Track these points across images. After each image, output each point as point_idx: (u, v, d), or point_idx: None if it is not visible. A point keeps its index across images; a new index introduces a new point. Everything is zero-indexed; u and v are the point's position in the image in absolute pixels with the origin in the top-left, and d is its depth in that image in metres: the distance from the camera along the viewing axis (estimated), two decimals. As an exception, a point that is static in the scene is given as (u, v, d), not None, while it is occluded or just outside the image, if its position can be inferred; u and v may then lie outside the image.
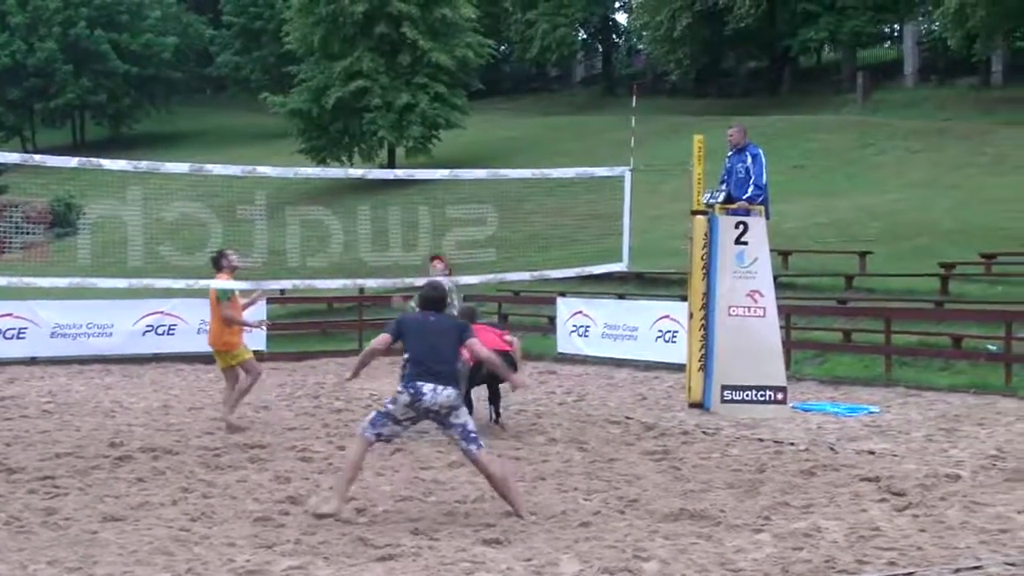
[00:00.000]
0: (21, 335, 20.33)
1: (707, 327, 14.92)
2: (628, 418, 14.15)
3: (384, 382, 18.25)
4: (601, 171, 16.94)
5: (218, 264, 13.73)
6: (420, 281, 17.80)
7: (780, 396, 14.64)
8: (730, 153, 15.77)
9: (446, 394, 9.01)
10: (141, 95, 65.94)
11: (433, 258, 14.85)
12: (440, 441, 12.38)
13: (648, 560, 7.38)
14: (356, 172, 25.84)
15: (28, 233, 18.86)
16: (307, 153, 43.94)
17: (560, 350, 22.06)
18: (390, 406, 9.19)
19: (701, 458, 11.39)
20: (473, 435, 9.08)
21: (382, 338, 9.44)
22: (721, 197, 15.41)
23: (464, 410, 9.29)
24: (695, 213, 15.19)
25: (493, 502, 9.22)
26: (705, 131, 17.16)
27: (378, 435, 9.20)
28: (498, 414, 13.59)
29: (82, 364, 20.62)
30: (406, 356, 9.25)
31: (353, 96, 42.33)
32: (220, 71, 70.41)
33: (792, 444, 12.15)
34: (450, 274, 14.36)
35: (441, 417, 9.10)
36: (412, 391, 9.01)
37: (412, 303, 12.22)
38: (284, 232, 19.21)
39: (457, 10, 43.28)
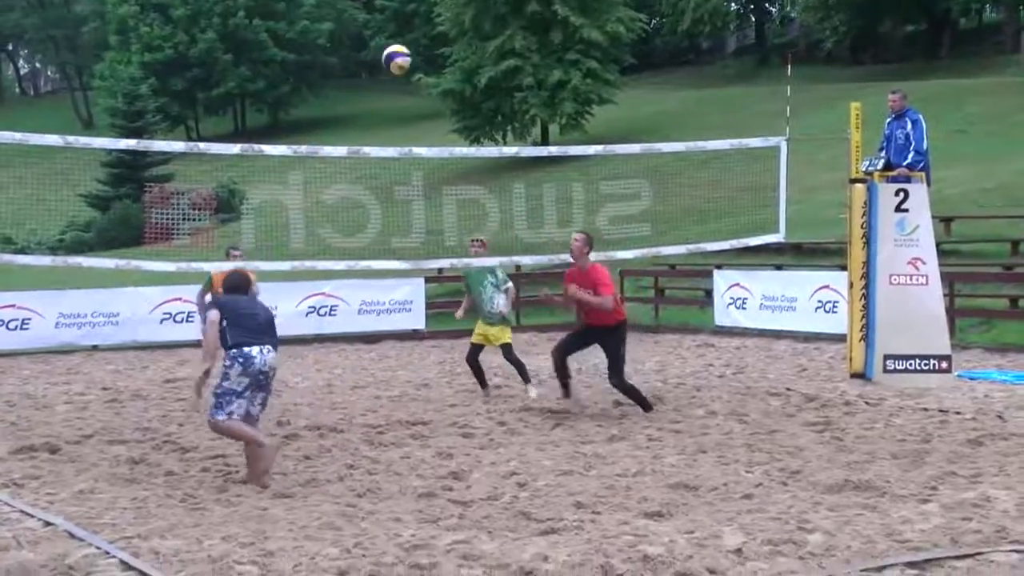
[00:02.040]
0: (190, 319, 20.91)
1: (868, 296, 14.67)
2: (789, 389, 13.99)
3: (540, 358, 18.39)
4: (756, 142, 16.75)
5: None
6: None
7: (944, 365, 14.33)
8: (889, 119, 15.47)
9: (272, 356, 9.45)
10: (298, 81, 67.25)
11: (473, 241, 14.88)
12: (598, 415, 12.45)
13: (812, 532, 7.30)
14: (510, 150, 25.99)
15: (194, 219, 19.30)
16: (460, 133, 44.28)
17: (718, 323, 21.91)
18: (224, 384, 9.36)
19: (864, 429, 11.21)
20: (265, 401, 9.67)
21: (214, 314, 9.55)
22: (880, 164, 15.12)
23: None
24: (853, 181, 14.93)
25: (654, 475, 9.23)
26: (862, 98, 16.82)
27: (229, 415, 9.33)
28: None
29: (250, 346, 21.13)
30: (225, 326, 9.39)
31: (505, 75, 42.50)
32: (374, 55, 71.33)
33: (958, 413, 11.88)
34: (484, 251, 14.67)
35: (265, 381, 9.48)
36: (241, 359, 9.29)
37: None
38: (441, 212, 19.40)
39: (608, -15, 43.14)
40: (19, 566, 6.77)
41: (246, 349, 9.33)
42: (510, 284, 14.67)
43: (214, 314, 9.50)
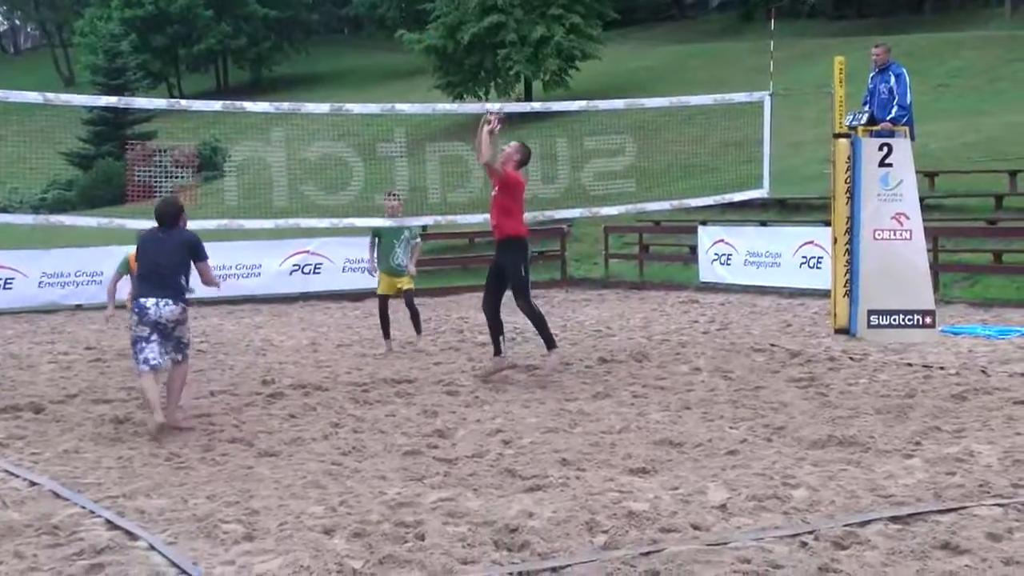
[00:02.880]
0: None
1: (852, 252, 14.68)
2: (773, 345, 14.03)
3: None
4: (740, 97, 16.69)
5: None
6: (558, 214, 17.93)
7: (928, 320, 14.37)
8: (872, 74, 15.45)
9: (169, 308, 9.81)
10: (280, 38, 66.93)
11: (388, 194, 15.19)
12: (584, 372, 12.47)
13: (797, 487, 7.34)
14: (493, 106, 25.77)
15: (177, 177, 19.20)
16: (444, 89, 44.12)
17: (702, 279, 21.96)
18: (132, 330, 9.95)
19: (848, 384, 11.25)
20: (183, 347, 10.03)
21: (115, 274, 10.86)
22: (864, 119, 15.11)
23: (187, 326, 10.12)
24: (837, 136, 14.91)
25: (639, 432, 9.25)
26: (845, 53, 16.80)
27: (148, 364, 9.77)
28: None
29: (232, 304, 21.14)
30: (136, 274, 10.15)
31: (488, 31, 42.31)
32: (356, 11, 71.08)
33: (942, 368, 11.92)
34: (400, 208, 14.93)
35: (168, 330, 9.88)
36: (137, 309, 9.86)
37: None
38: (424, 169, 19.34)
39: (590, -61, 42.91)
40: (4, 526, 6.78)
41: (142, 300, 9.86)
42: (419, 240, 15.18)
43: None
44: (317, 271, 22.45)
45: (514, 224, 11.99)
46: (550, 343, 12.05)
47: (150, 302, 9.79)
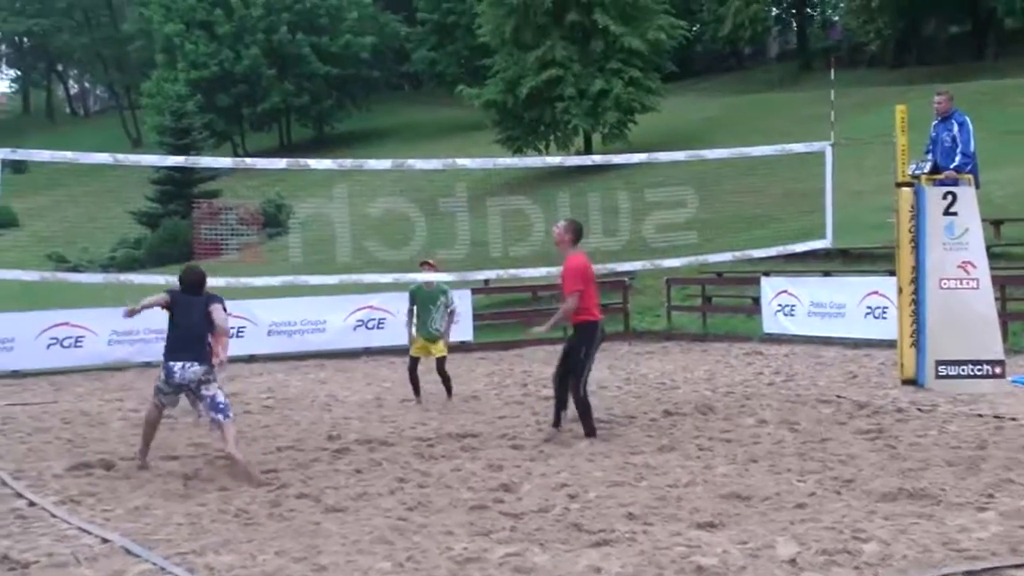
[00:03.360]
0: (240, 334, 21.05)
1: (918, 301, 14.57)
2: (839, 397, 13.92)
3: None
4: (801, 147, 16.69)
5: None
6: (620, 266, 17.94)
7: (998, 370, 14.21)
8: (935, 122, 15.35)
9: (193, 370, 10.47)
10: (342, 95, 67.62)
11: (422, 264, 15.32)
12: (649, 425, 12.42)
13: (867, 541, 7.26)
14: (554, 160, 25.99)
15: (242, 235, 19.46)
16: (503, 143, 44.38)
17: (766, 330, 21.82)
18: (158, 382, 10.70)
19: (917, 436, 11.14)
20: (221, 406, 10.49)
21: (161, 297, 10.79)
22: (927, 167, 15.01)
23: (216, 384, 10.66)
24: (900, 185, 14.84)
25: (706, 485, 9.20)
26: (907, 101, 16.73)
27: (160, 403, 10.75)
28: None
29: (298, 360, 21.29)
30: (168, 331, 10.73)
31: (547, 85, 42.57)
32: (416, 67, 71.79)
33: (1013, 419, 11.77)
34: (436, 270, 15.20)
35: (193, 390, 10.64)
36: (165, 371, 10.56)
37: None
38: (486, 223, 19.43)
39: (648, -7, 43.13)
40: (77, 583, 6.86)
41: (169, 363, 10.56)
42: (455, 306, 15.39)
43: (159, 297, 10.78)
44: (381, 326, 22.54)
45: (584, 308, 11.78)
46: (589, 432, 11.79)
47: (177, 366, 10.51)
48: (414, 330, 15.14)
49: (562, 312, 11.82)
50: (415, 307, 15.11)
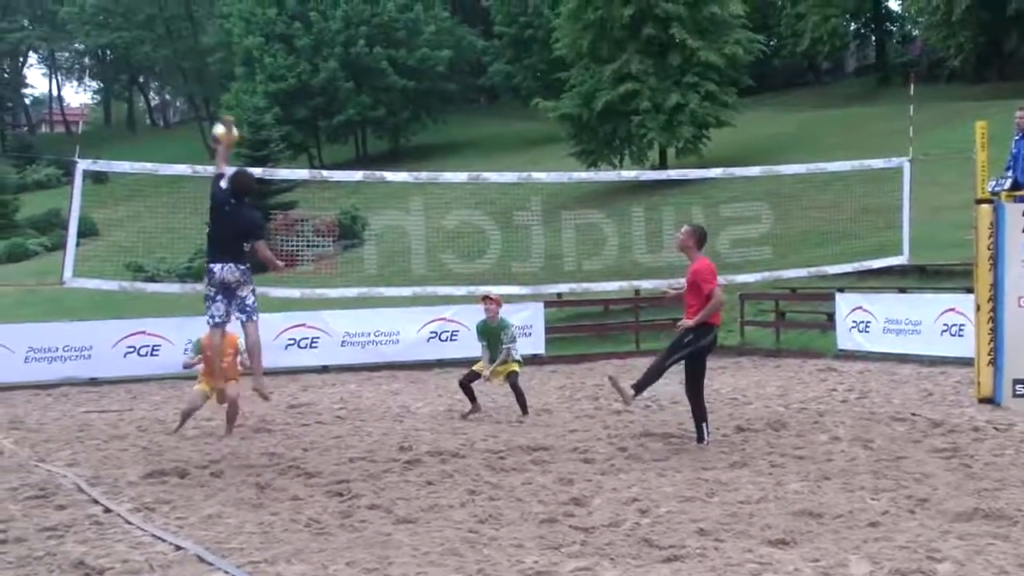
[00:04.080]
0: (314, 344, 21.25)
1: (996, 319, 14.38)
2: (914, 415, 13.75)
3: (660, 383, 18.34)
4: (878, 163, 16.58)
5: None
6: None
7: (1077, 390, 13.98)
8: (1016, 137, 15.16)
9: (229, 269, 11.73)
10: (418, 108, 67.88)
11: (484, 298, 15.47)
12: (721, 441, 12.35)
13: (942, 561, 7.18)
14: (629, 174, 25.99)
15: (318, 246, 19.67)
16: (578, 157, 44.34)
17: (840, 347, 21.62)
18: (205, 290, 12.02)
19: (994, 455, 10.98)
20: (248, 308, 11.90)
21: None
22: (1007, 184, 14.83)
23: (251, 287, 11.94)
24: (979, 202, 14.66)
25: (778, 502, 9.14)
26: (987, 117, 16.56)
27: (213, 320, 12.02)
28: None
29: (370, 371, 21.41)
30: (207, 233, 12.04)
31: (622, 99, 42.46)
32: (492, 80, 71.93)
33: (1093, 440, 11.58)
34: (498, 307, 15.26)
35: (231, 289, 11.81)
36: (208, 273, 11.87)
37: None
38: (560, 236, 19.47)
39: (726, 7, 42.86)
40: (151, 589, 6.95)
41: (210, 264, 11.85)
42: (513, 344, 15.31)
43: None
44: (454, 338, 22.63)
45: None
46: (639, 388, 12.05)
47: (216, 266, 11.78)
48: (487, 362, 15.31)
49: (714, 304, 11.86)
50: (484, 342, 15.34)
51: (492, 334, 15.17)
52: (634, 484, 10.14)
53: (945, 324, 19.54)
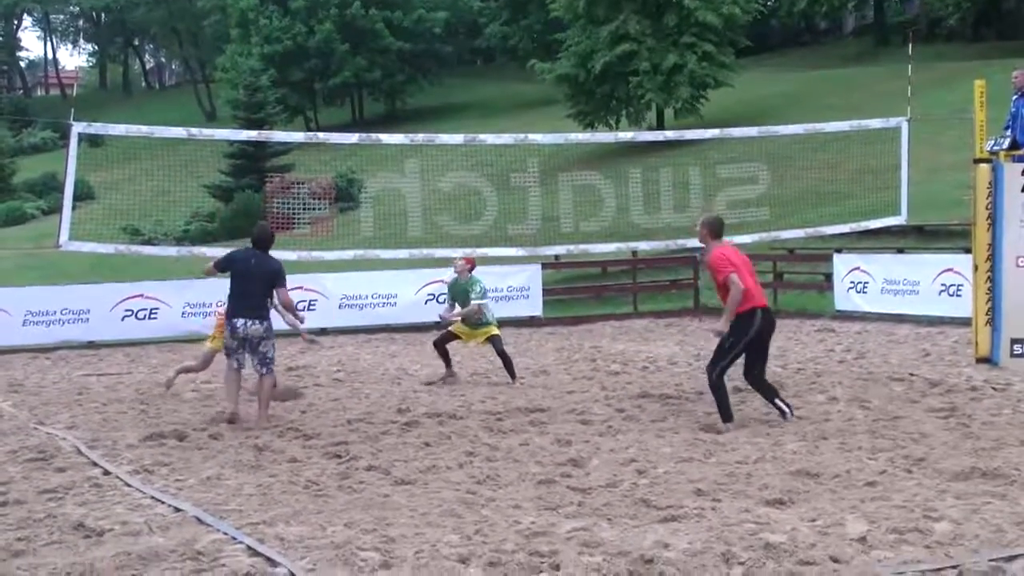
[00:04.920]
0: (311, 307, 21.21)
1: (993, 279, 14.37)
2: (912, 375, 13.76)
3: (658, 344, 18.35)
4: (876, 123, 16.53)
5: None
6: (691, 242, 17.87)
7: (1075, 349, 14.00)
8: (1015, 97, 15.11)
9: (254, 327, 11.63)
10: (414, 70, 67.68)
11: (458, 260, 15.35)
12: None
13: (939, 520, 7.19)
14: (626, 135, 25.92)
15: (314, 209, 19.64)
16: (575, 118, 44.22)
17: (838, 307, 21.62)
18: (226, 340, 11.90)
19: (991, 415, 11.00)
20: (268, 362, 11.80)
21: (213, 264, 12.21)
22: (1006, 144, 14.79)
23: (272, 343, 11.88)
24: (978, 162, 14.62)
25: (775, 462, 9.16)
26: (986, 76, 16.47)
27: (236, 363, 11.85)
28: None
29: (368, 333, 21.40)
30: (228, 295, 11.87)
31: (620, 60, 42.30)
32: (489, 42, 71.65)
33: (1090, 399, 11.60)
34: (471, 270, 15.07)
35: (253, 345, 11.71)
36: (230, 327, 11.71)
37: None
38: (557, 198, 19.45)
39: (722, -34, 42.67)
40: (151, 550, 6.96)
41: (232, 319, 11.69)
42: (484, 302, 14.97)
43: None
44: (451, 300, 22.62)
45: (747, 296, 10.91)
46: (725, 416, 11.02)
47: (239, 322, 11.64)
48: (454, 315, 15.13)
49: (730, 304, 10.81)
50: (454, 301, 15.17)
51: (461, 291, 14.99)
52: (631, 445, 10.16)
53: (943, 284, 19.54)
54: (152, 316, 21.11)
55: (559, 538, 7.06)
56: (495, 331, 15.04)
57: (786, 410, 11.17)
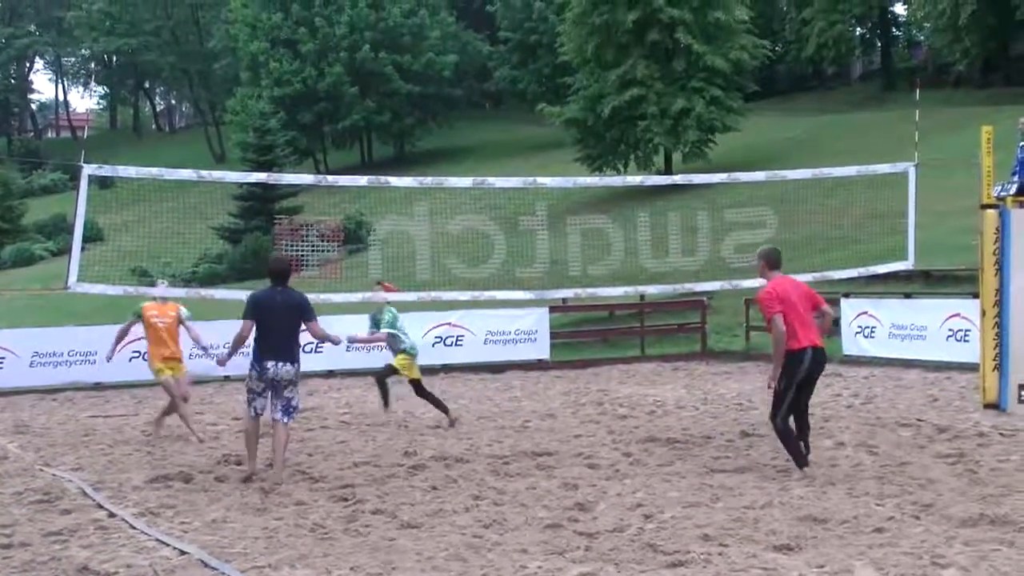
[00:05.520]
0: (318, 349, 21.19)
1: (1001, 325, 14.35)
2: (919, 420, 13.74)
3: (665, 388, 18.32)
4: (883, 168, 16.54)
5: None
6: (699, 286, 17.88)
7: (1083, 396, 13.95)
8: (1022, 143, 15.14)
9: (285, 369, 11.06)
10: (423, 113, 67.96)
11: (377, 284, 15.68)
12: (725, 446, 12.34)
13: (947, 567, 7.17)
14: (634, 179, 26.02)
15: (323, 251, 19.63)
16: (584, 162, 44.33)
17: (845, 352, 21.58)
18: (248, 384, 11.16)
19: (999, 461, 10.97)
20: (291, 410, 11.22)
21: (246, 325, 11.20)
22: (1013, 189, 14.81)
23: (297, 387, 11.29)
24: (985, 207, 14.64)
25: (783, 507, 9.13)
26: (993, 122, 16.52)
27: (255, 411, 11.14)
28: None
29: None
30: (255, 335, 11.16)
31: (628, 104, 42.46)
32: (498, 85, 72.04)
33: (1098, 446, 11.56)
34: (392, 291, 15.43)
35: (280, 387, 11.07)
36: (259, 368, 11.02)
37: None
38: (565, 241, 19.44)
39: (730, 12, 42.82)
40: (155, 594, 6.95)
41: (263, 360, 11.03)
42: (387, 332, 15.26)
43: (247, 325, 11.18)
44: (459, 343, 22.61)
45: (788, 334, 10.67)
46: (800, 462, 10.72)
47: (270, 363, 11.02)
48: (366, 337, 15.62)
49: (774, 347, 10.71)
50: (374, 329, 15.49)
51: (374, 320, 15.34)
52: (638, 489, 10.14)
53: (950, 329, 19.51)
54: (159, 358, 21.07)
55: (565, 583, 7.04)
56: (415, 374, 15.30)
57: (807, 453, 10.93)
